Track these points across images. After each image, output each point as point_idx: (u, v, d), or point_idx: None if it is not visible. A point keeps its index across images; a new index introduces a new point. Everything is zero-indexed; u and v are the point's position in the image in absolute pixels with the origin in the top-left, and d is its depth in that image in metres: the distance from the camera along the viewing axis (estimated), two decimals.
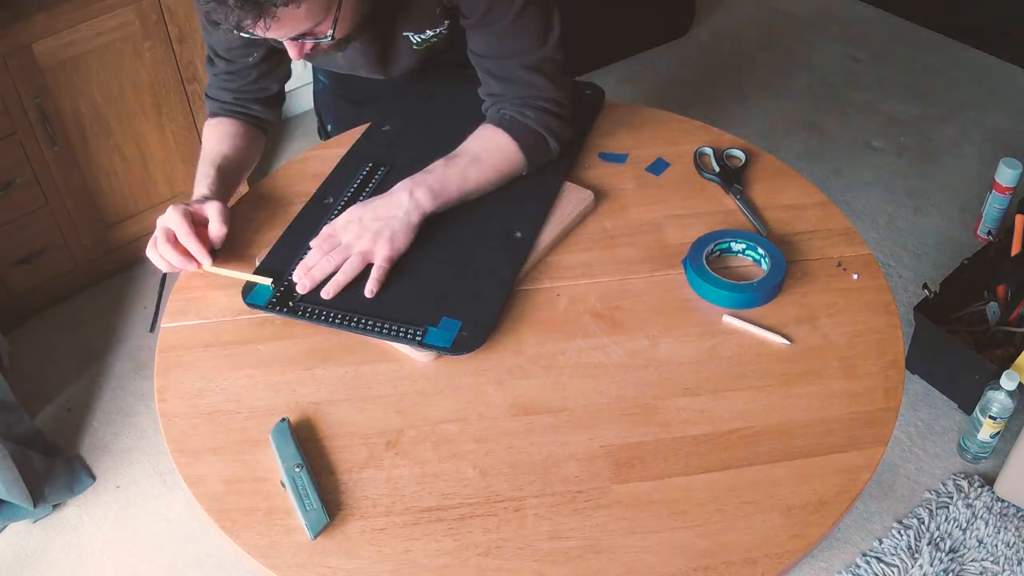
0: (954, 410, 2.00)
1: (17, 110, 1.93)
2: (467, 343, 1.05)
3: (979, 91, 2.87)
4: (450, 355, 1.05)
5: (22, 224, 2.06)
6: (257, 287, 1.12)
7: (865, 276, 1.15)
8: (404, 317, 1.07)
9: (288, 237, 1.19)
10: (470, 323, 1.06)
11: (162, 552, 1.81)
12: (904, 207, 2.49)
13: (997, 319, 2.00)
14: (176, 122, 2.20)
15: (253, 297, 1.11)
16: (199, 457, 0.98)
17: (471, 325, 1.06)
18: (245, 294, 1.12)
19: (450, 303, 1.08)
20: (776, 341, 1.07)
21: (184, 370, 1.06)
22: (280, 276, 1.13)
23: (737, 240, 1.17)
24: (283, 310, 1.09)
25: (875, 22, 3.20)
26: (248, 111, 1.33)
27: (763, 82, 2.95)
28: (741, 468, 0.95)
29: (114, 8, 1.96)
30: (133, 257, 2.34)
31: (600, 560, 0.88)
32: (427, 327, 1.05)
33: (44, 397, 2.08)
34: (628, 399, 1.01)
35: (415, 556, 0.89)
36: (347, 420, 1.00)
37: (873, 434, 0.98)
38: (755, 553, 0.88)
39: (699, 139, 1.36)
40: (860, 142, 2.70)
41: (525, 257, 1.16)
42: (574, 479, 0.94)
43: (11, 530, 1.85)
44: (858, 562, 1.74)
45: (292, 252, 1.16)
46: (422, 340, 1.04)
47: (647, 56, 3.06)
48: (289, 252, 1.16)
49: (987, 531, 1.77)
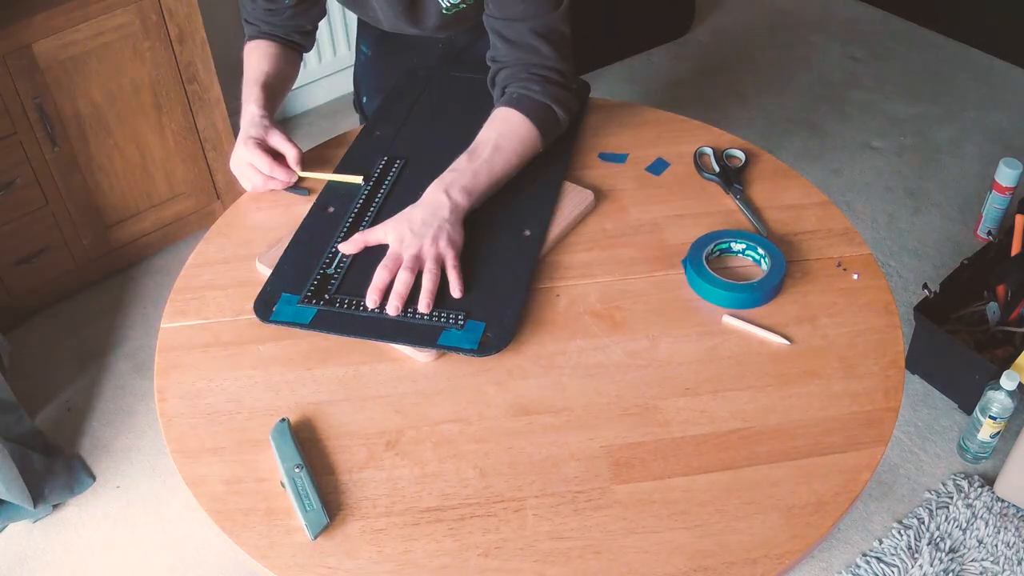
0: (954, 410, 2.00)
1: (17, 110, 1.93)
2: (493, 344, 1.05)
3: (979, 91, 2.87)
4: (476, 356, 1.04)
5: (22, 224, 2.07)
6: (278, 305, 1.08)
7: (865, 276, 1.15)
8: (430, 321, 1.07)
9: (293, 251, 1.16)
10: (494, 324, 1.06)
11: (162, 552, 1.81)
12: (904, 207, 2.49)
13: (997, 319, 2.00)
14: (176, 122, 2.20)
15: (277, 315, 1.08)
16: (199, 457, 0.98)
17: (495, 326, 1.06)
18: (263, 314, 1.08)
19: (471, 305, 1.08)
20: (776, 341, 1.07)
21: (184, 370, 1.06)
22: (308, 268, 1.13)
23: (737, 240, 1.17)
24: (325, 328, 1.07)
25: (875, 22, 3.20)
26: (287, 37, 1.39)
27: (763, 82, 2.95)
28: (741, 468, 0.95)
29: (114, 8, 1.96)
30: (133, 257, 2.34)
31: (600, 560, 0.88)
32: (452, 329, 1.06)
33: (44, 397, 2.08)
34: (628, 399, 1.01)
35: (415, 556, 0.89)
36: (347, 420, 1.00)
37: (873, 434, 0.98)
38: (755, 553, 0.88)
39: (699, 139, 1.36)
40: (860, 142, 2.70)
41: (537, 254, 1.16)
42: (574, 479, 0.94)
43: (11, 530, 1.85)
44: (858, 562, 1.74)
45: (305, 265, 1.13)
46: (463, 325, 1.05)
47: (647, 56, 3.07)
48: (302, 266, 1.13)
49: (987, 531, 1.77)
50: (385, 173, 1.26)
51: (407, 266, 1.08)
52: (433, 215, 1.13)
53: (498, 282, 1.11)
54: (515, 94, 1.23)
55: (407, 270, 1.08)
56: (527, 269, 1.14)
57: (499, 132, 1.21)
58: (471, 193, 1.16)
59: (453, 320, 1.06)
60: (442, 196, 1.15)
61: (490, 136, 1.21)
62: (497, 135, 1.21)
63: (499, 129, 1.21)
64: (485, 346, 1.04)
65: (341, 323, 1.07)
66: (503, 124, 1.22)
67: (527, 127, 1.22)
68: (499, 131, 1.21)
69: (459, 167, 1.18)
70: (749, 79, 2.96)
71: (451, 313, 1.07)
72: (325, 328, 1.06)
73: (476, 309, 1.08)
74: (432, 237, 1.11)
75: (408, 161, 1.28)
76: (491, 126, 1.22)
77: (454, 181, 1.16)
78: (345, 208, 1.21)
